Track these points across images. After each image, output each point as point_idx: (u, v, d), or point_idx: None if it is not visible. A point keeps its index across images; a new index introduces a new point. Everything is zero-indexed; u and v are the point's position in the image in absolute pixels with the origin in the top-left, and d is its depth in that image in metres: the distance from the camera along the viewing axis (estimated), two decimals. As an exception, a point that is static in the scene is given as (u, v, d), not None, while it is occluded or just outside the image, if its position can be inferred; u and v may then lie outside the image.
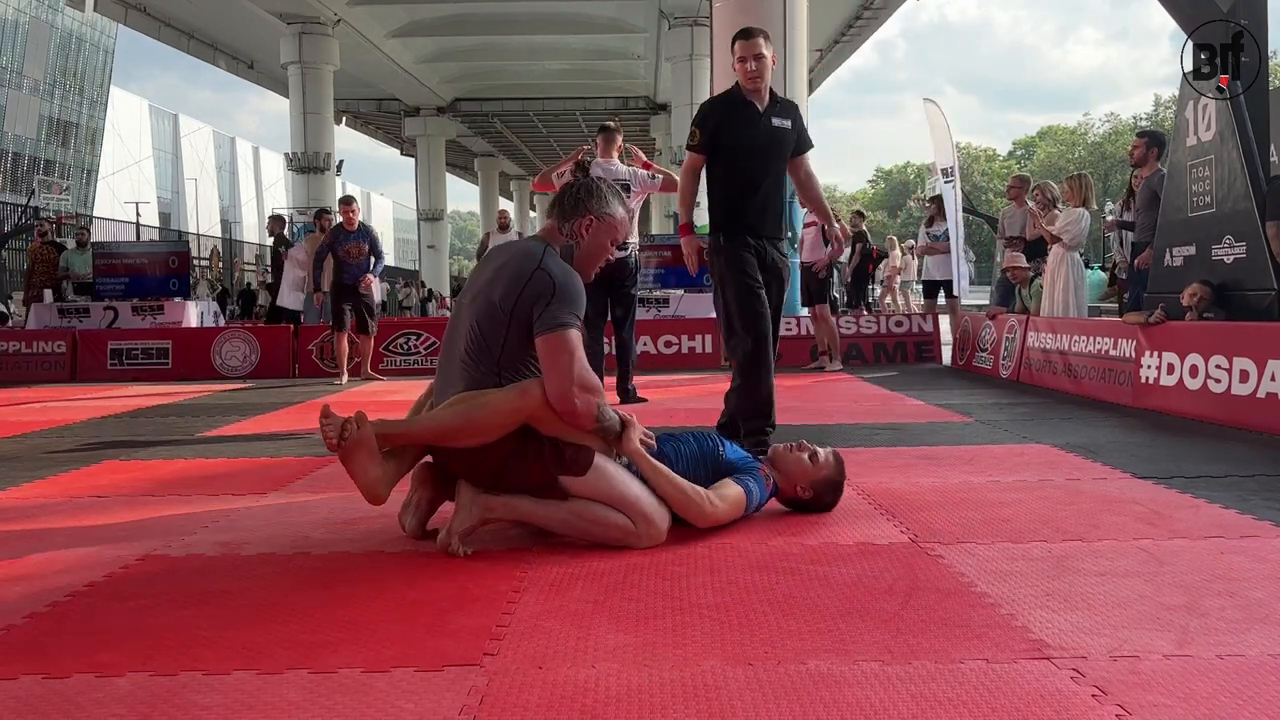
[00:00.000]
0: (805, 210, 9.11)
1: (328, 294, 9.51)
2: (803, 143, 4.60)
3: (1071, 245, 7.73)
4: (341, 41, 27.13)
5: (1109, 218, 9.44)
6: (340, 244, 9.29)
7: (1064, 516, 3.22)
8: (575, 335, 2.84)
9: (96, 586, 2.59)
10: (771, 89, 4.50)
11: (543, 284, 2.82)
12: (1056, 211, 8.08)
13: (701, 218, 4.86)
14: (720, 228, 4.46)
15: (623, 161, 6.88)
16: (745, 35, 4.43)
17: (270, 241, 14.48)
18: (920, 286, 13.34)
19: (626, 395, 6.78)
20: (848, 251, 13.42)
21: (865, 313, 13.00)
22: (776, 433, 4.43)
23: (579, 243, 3.05)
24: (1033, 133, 75.78)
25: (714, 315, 11.66)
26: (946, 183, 11.79)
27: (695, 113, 4.64)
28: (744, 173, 4.42)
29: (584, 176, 3.25)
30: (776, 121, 4.44)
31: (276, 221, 15.02)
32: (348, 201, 9.51)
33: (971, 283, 11.71)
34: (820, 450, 3.34)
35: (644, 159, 7.07)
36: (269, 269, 17.13)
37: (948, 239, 11.16)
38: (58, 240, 14.09)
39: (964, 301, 11.75)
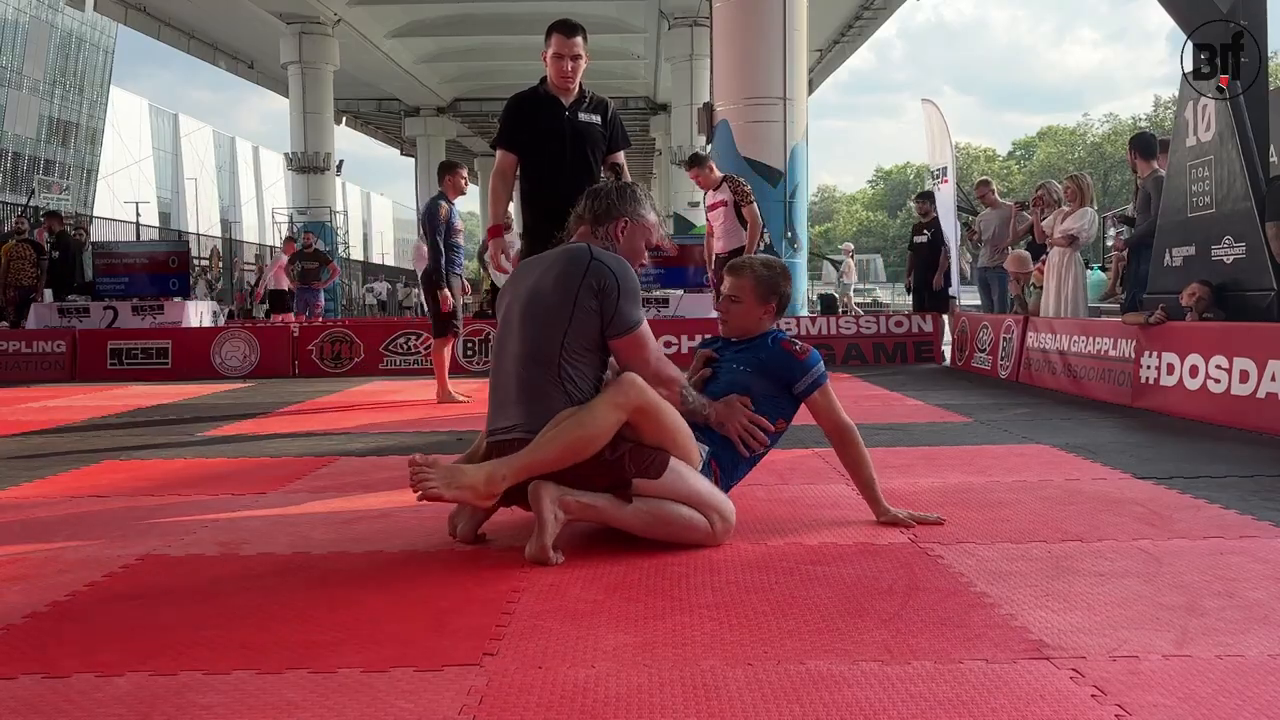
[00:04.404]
0: (707, 192, 7.85)
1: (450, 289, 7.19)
2: (615, 140, 4.35)
3: (1084, 244, 7.78)
4: (341, 41, 27.14)
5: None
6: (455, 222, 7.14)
7: (1063, 517, 3.22)
8: (646, 330, 2.92)
9: (96, 586, 2.59)
10: (582, 85, 4.25)
11: (602, 275, 2.79)
12: (1064, 210, 8.08)
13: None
14: (528, 229, 4.26)
15: None
16: (568, 31, 4.14)
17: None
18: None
19: None
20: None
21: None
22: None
23: (615, 247, 2.97)
24: (1032, 133, 75.92)
25: (714, 315, 11.60)
26: (933, 185, 11.79)
27: (503, 111, 4.35)
28: (551, 171, 4.21)
29: (616, 180, 3.18)
30: (584, 117, 4.23)
31: (54, 219, 13.83)
32: (462, 166, 7.35)
33: (964, 281, 11.68)
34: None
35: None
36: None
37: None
38: (32, 238, 13.74)
39: (961, 302, 11.75)
